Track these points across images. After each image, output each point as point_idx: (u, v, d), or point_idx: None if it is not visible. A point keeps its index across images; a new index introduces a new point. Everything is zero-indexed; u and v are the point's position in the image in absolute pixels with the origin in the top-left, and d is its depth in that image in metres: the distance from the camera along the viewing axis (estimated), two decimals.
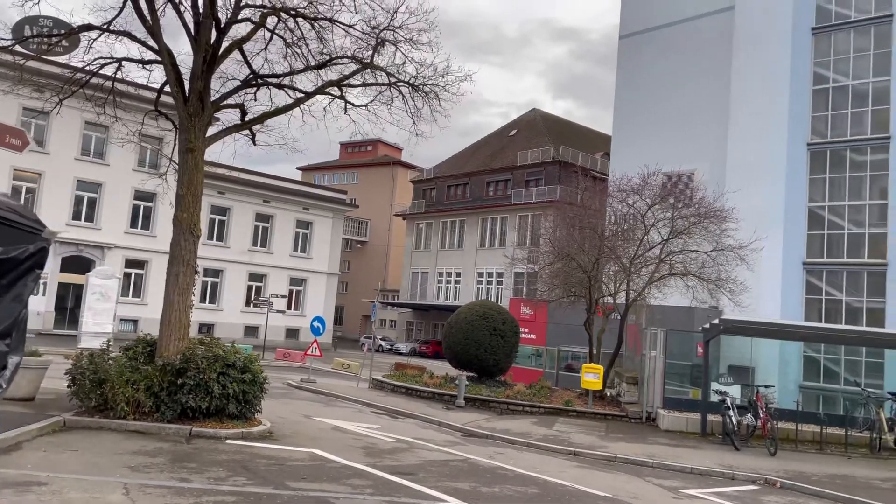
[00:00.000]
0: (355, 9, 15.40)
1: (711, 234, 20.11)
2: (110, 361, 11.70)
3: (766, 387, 16.65)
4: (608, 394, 20.58)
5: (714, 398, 16.20)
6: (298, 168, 76.13)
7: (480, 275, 51.66)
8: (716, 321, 16.27)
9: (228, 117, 15.93)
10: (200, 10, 13.10)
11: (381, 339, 52.14)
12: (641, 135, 33.81)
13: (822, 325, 22.13)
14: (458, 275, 53.52)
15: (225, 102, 14.17)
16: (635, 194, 21.36)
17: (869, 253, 25.97)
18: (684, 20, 33.75)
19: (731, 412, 15.25)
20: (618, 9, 37.54)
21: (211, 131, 13.94)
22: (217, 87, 14.22)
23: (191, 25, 13.24)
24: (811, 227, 27.33)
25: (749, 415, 15.74)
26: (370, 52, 15.58)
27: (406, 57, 15.71)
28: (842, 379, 22.95)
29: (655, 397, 17.99)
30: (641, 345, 19.58)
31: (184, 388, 11.22)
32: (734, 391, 16.50)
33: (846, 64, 27.68)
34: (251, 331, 40.78)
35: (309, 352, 24.51)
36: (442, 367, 24.84)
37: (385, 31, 15.51)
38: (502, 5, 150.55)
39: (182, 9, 13.33)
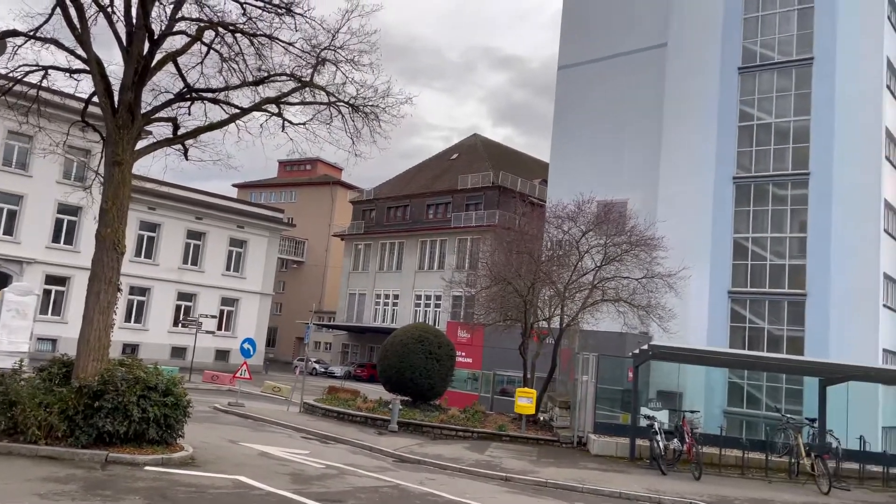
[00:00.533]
0: (296, 27, 15.29)
1: (642, 262, 20.65)
2: (22, 382, 11.06)
3: (692, 412, 17.09)
4: (541, 418, 20.72)
5: (643, 423, 16.50)
6: (234, 185, 74.63)
7: (418, 297, 51.55)
8: (645, 346, 16.65)
9: (161, 131, 15.47)
10: (133, 21, 12.74)
11: (315, 361, 51.19)
12: (577, 163, 34.65)
13: (745, 352, 22.93)
14: (396, 297, 53.25)
15: (156, 116, 13.76)
16: (570, 221, 21.80)
17: (790, 283, 27.16)
18: (620, 54, 34.91)
19: (658, 437, 15.55)
20: (558, 40, 38.57)
21: (141, 144, 13.49)
22: (149, 99, 13.82)
23: (123, 36, 12.85)
24: (736, 257, 28.42)
25: (676, 440, 16.09)
26: (310, 71, 15.46)
27: (347, 77, 15.66)
28: (763, 405, 23.83)
29: (587, 422, 18.20)
30: (574, 370, 19.85)
31: (101, 411, 10.68)
32: (662, 416, 16.86)
33: (770, 103, 29.11)
34: (178, 352, 39.38)
35: (238, 374, 23.81)
36: (376, 391, 24.52)
37: (326, 51, 15.44)
38: (446, 32, 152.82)
39: (114, 18, 12.93)
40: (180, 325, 38.86)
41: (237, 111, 14.83)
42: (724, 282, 28.16)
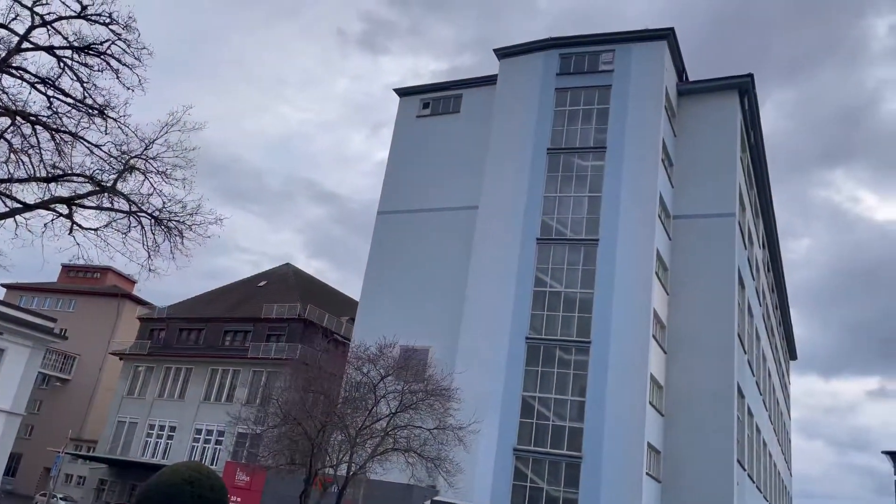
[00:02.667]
0: (106, 130, 14.50)
1: (436, 412, 20.76)
2: None
3: None
4: None
5: None
6: (3, 285, 65.89)
7: (199, 431, 47.14)
8: (428, 502, 16.28)
9: None
10: None
11: (61, 498, 43.97)
12: (386, 306, 35.17)
13: None
14: (174, 429, 48.26)
15: None
16: (370, 363, 21.63)
17: (568, 445, 28.61)
18: (436, 209, 37.14)
19: None
20: (380, 187, 40.27)
21: None
22: None
23: None
24: (524, 415, 29.61)
25: None
26: (114, 177, 14.53)
27: (155, 188, 14.91)
28: None
29: None
30: None
31: None
32: None
33: (562, 273, 32.02)
34: None
35: None
36: None
37: (136, 159, 14.68)
38: (270, 158, 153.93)
39: None
40: None
41: (19, 206, 13.37)
42: (511, 439, 29.00)
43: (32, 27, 13.62)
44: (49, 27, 13.77)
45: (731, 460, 28.75)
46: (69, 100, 13.83)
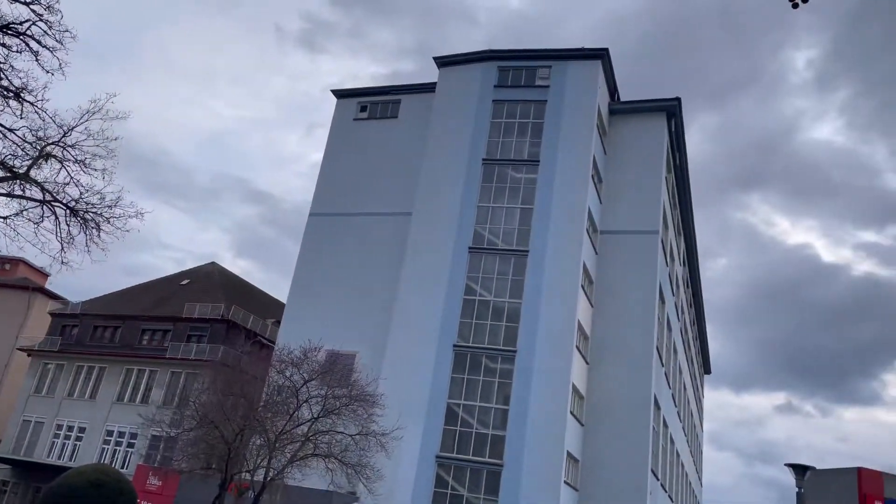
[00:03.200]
0: (22, 113, 13.82)
1: (359, 418, 20.60)
2: None
3: None
4: None
5: None
6: None
7: (110, 433, 45.15)
8: None
9: None
10: None
11: None
12: (313, 309, 34.69)
13: None
14: (83, 430, 46.06)
15: None
16: (294, 367, 21.27)
17: (490, 452, 28.87)
18: (369, 214, 36.95)
19: None
20: (313, 187, 39.73)
21: None
22: None
23: None
24: (448, 422, 29.71)
25: None
26: (28, 163, 13.85)
27: (72, 178, 14.28)
28: None
29: None
30: None
31: None
32: None
33: (491, 283, 32.38)
34: None
35: None
36: None
37: (53, 146, 14.04)
38: (199, 154, 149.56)
39: None
40: None
41: None
42: (434, 446, 29.03)
43: None
44: None
45: (646, 469, 29.64)
46: None
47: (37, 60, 13.58)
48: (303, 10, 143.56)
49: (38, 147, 14.04)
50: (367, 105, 40.37)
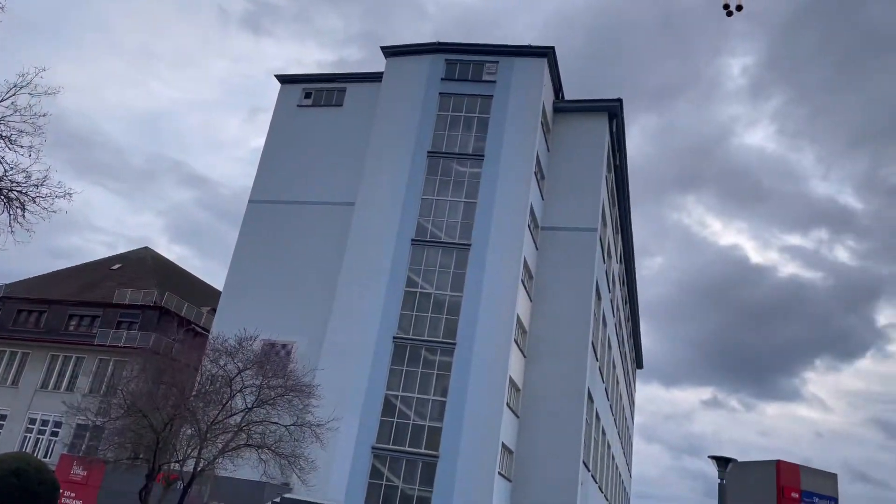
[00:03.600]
0: None
1: (294, 409, 20.38)
2: None
3: None
4: None
5: None
6: None
7: (33, 421, 43.35)
8: (277, 500, 15.95)
9: None
10: None
11: None
12: (251, 298, 34.07)
13: None
14: (3, 418, 44.07)
15: None
16: (228, 356, 20.86)
17: (427, 444, 29.01)
18: (311, 202, 36.46)
19: None
20: (254, 173, 38.94)
21: None
22: None
23: None
24: (385, 413, 29.69)
25: None
26: None
27: None
28: None
29: None
30: None
31: None
32: None
33: (433, 275, 32.44)
34: None
35: None
36: None
37: None
38: (134, 134, 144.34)
39: None
40: None
41: None
42: (370, 437, 28.97)
43: None
44: None
45: (578, 461, 30.34)
46: None
47: None
48: None
49: None
50: (311, 92, 39.78)
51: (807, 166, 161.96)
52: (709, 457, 16.88)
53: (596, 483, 37.42)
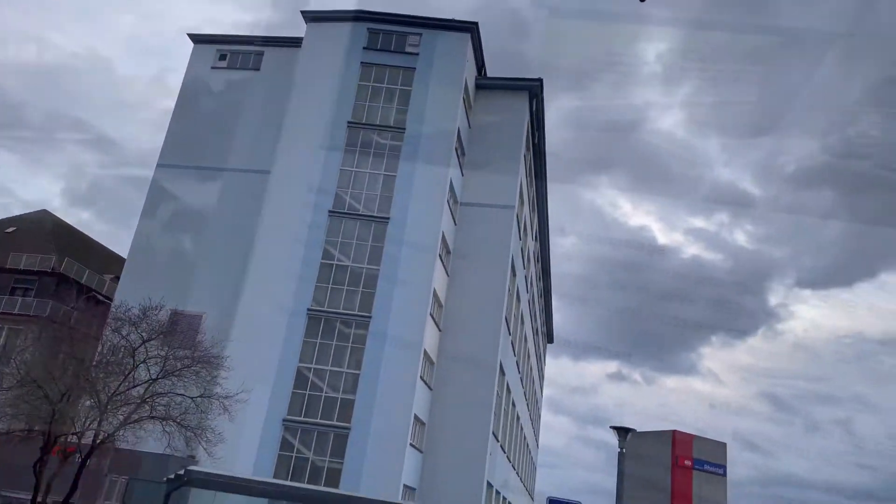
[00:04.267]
0: None
1: (202, 380, 19.87)
2: None
3: None
4: None
5: None
6: None
7: None
8: (181, 472, 15.59)
9: None
10: None
11: None
12: (157, 266, 32.80)
13: (282, 482, 23.19)
14: None
15: None
16: (132, 326, 20.03)
17: (339, 416, 28.95)
18: (224, 169, 35.21)
19: None
20: (163, 136, 37.17)
21: None
22: None
23: None
24: (297, 386, 29.37)
25: None
26: None
27: None
28: None
29: None
30: (99, 495, 17.40)
31: None
32: None
33: (350, 248, 32.10)
34: None
35: None
36: None
37: None
38: (32, 89, 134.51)
39: None
40: None
41: None
42: (281, 409, 28.63)
43: None
44: None
45: (488, 432, 31.09)
46: None
47: None
48: None
49: None
50: (226, 54, 38.22)
51: (712, 154, 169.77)
52: (610, 427, 17.64)
53: (504, 453, 38.51)
